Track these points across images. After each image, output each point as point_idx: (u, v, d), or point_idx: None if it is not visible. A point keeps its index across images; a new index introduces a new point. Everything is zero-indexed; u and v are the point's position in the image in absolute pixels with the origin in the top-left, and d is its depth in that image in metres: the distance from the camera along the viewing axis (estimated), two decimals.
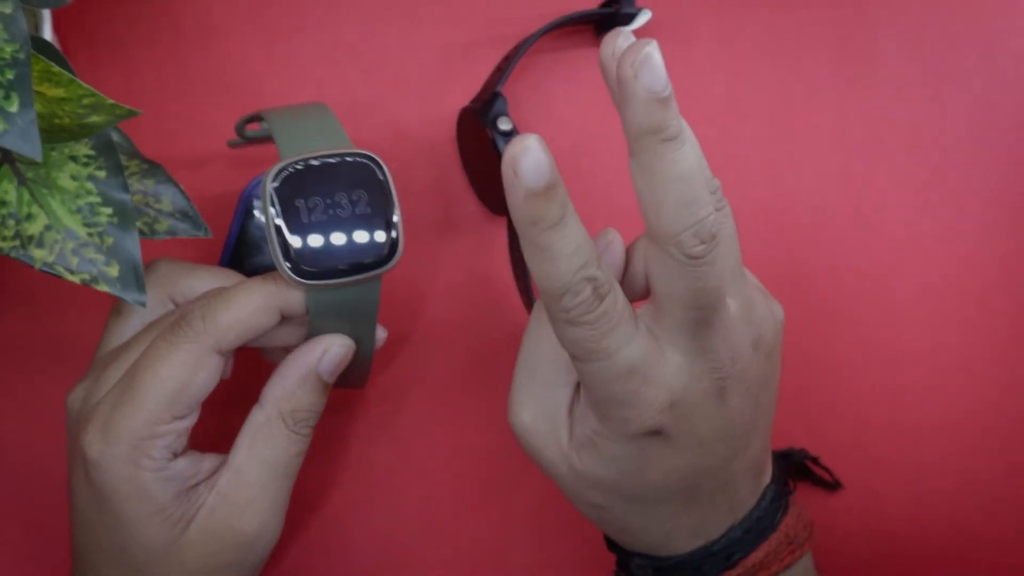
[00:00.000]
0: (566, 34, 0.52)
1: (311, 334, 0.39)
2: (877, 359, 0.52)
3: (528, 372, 0.38)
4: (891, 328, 0.52)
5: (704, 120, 0.52)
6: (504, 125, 0.47)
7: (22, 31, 0.32)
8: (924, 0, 0.54)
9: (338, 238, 0.37)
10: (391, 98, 0.52)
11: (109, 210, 0.35)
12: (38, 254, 0.34)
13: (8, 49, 0.31)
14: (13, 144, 0.30)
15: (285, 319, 0.39)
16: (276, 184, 0.36)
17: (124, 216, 0.35)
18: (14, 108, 0.30)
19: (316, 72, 0.52)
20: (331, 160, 0.37)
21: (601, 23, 0.51)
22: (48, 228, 0.34)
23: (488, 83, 0.49)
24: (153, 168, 0.41)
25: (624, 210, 0.51)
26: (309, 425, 0.40)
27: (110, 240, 0.35)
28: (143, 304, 0.36)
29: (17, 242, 0.34)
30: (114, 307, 0.42)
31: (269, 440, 0.39)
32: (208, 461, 0.39)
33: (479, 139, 0.47)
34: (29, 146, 0.30)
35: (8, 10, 0.32)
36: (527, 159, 0.30)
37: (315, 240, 0.37)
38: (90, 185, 0.35)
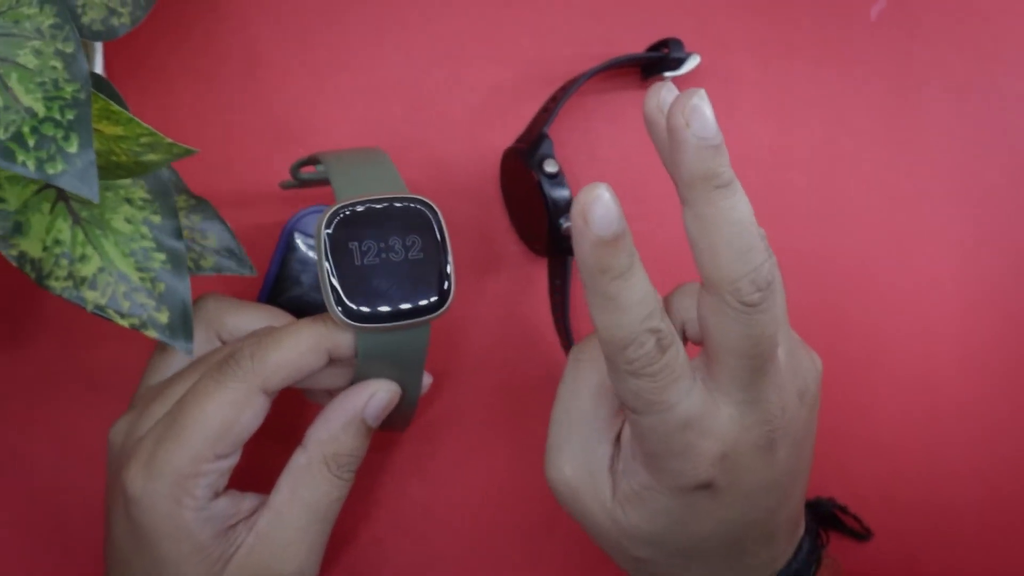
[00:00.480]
0: (612, 76, 0.52)
1: (358, 377, 0.39)
2: (914, 410, 0.51)
3: (567, 427, 0.38)
4: (929, 380, 0.51)
5: (749, 167, 0.52)
6: (550, 167, 0.47)
7: (83, 71, 0.32)
8: (974, 56, 0.53)
9: (389, 283, 0.37)
10: (435, 135, 0.51)
11: (163, 256, 0.35)
12: (91, 296, 0.34)
13: (69, 89, 0.31)
14: (71, 185, 0.30)
15: (333, 361, 0.38)
16: (330, 226, 0.36)
17: (177, 263, 0.35)
18: (74, 149, 0.30)
19: (361, 108, 0.51)
20: (386, 204, 0.37)
21: (649, 66, 0.51)
22: (101, 270, 0.34)
23: (534, 124, 0.49)
24: (200, 204, 0.41)
25: (668, 254, 0.51)
26: (351, 470, 0.39)
27: (162, 286, 0.35)
28: (190, 353, 0.35)
29: (70, 283, 0.34)
30: (158, 343, 0.42)
31: (311, 484, 0.38)
32: (248, 501, 0.39)
33: (523, 180, 0.47)
34: (87, 188, 0.30)
35: (70, 49, 0.32)
36: (597, 208, 0.30)
37: (366, 283, 0.36)
38: (145, 229, 0.35)
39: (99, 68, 0.43)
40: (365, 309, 0.36)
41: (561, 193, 0.46)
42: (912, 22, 0.53)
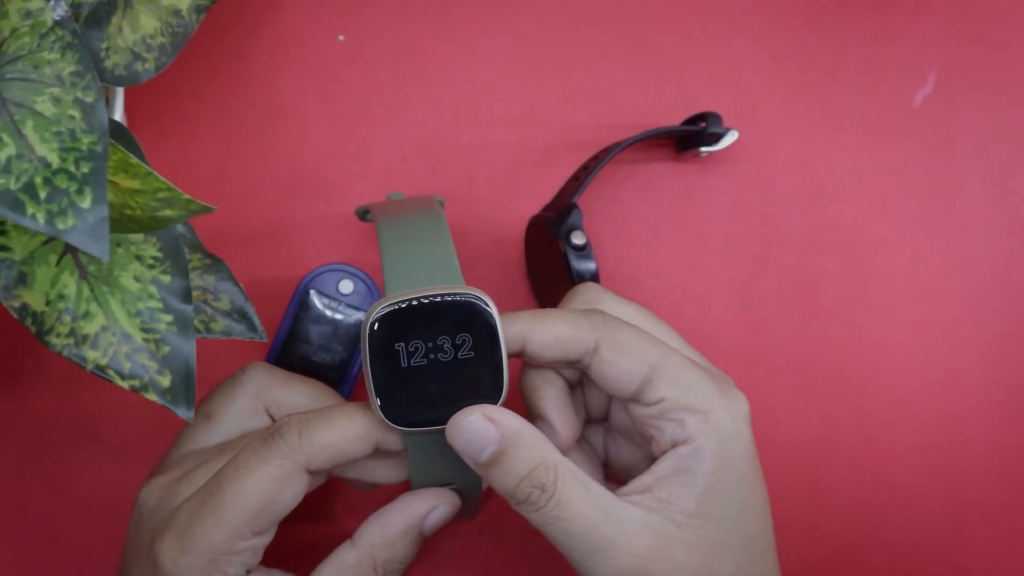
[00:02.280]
0: (646, 147, 0.51)
1: (413, 473, 0.38)
2: (937, 512, 0.49)
3: None
4: (955, 480, 0.49)
5: (781, 248, 0.50)
6: (578, 239, 0.45)
7: (102, 122, 0.30)
8: (1014, 143, 0.52)
9: (437, 385, 0.35)
10: (459, 196, 0.50)
11: (170, 317, 0.33)
12: (91, 355, 0.32)
13: (86, 140, 0.29)
14: (80, 242, 0.28)
15: (380, 451, 0.37)
16: (374, 327, 0.34)
17: (184, 325, 0.33)
18: (86, 204, 0.29)
19: (384, 163, 0.50)
20: (437, 300, 0.35)
21: (684, 140, 0.50)
22: (104, 329, 0.33)
23: (563, 192, 0.48)
24: (215, 264, 0.39)
25: (692, 329, 0.49)
26: (398, 574, 0.38)
27: (166, 349, 0.33)
28: (190, 420, 0.34)
29: (71, 340, 0.32)
30: (201, 409, 0.41)
31: None
32: None
33: (549, 249, 0.46)
34: (97, 246, 0.29)
35: (90, 99, 0.30)
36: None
37: (411, 388, 0.35)
38: (153, 289, 0.33)
39: (119, 113, 0.41)
40: (409, 414, 0.35)
41: (587, 266, 0.45)
42: (955, 110, 0.52)
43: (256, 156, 0.50)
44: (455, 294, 0.35)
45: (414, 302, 0.35)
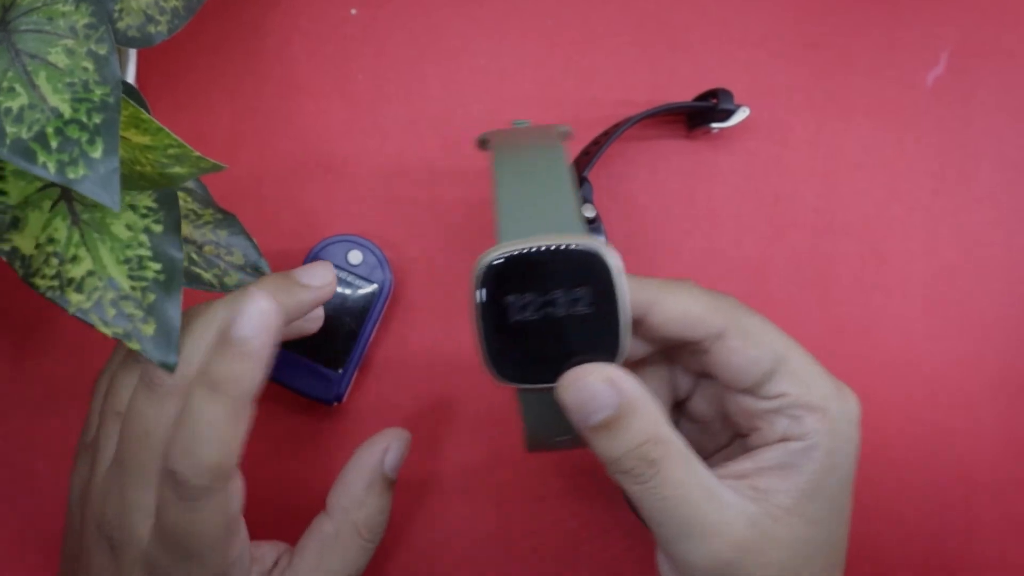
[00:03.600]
0: (656, 123, 0.51)
1: (525, 430, 0.36)
2: (948, 493, 0.49)
3: None
4: (967, 457, 0.49)
5: (793, 229, 0.50)
6: (588, 212, 0.45)
7: (115, 74, 0.30)
8: None
9: (549, 341, 0.33)
10: (472, 171, 0.50)
11: (158, 266, 0.33)
12: (75, 298, 0.32)
13: (99, 92, 0.29)
14: (91, 192, 0.29)
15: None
16: (485, 278, 0.32)
17: (172, 275, 0.33)
18: (98, 154, 0.29)
19: (397, 139, 0.50)
20: (553, 250, 0.32)
21: (695, 116, 0.50)
22: (90, 274, 0.32)
23: (574, 166, 0.48)
24: (228, 219, 0.39)
25: None
26: (381, 531, 0.38)
27: (152, 297, 0.33)
28: (172, 368, 0.33)
29: (56, 283, 0.32)
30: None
31: (341, 554, 0.37)
32: (267, 551, 0.38)
33: None
34: (108, 195, 0.29)
35: (103, 51, 0.30)
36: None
37: (522, 342, 0.33)
38: (144, 237, 0.33)
39: (131, 77, 0.42)
40: (518, 370, 0.33)
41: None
42: (969, 91, 0.51)
43: (269, 128, 0.50)
44: (573, 245, 0.32)
45: (528, 252, 0.32)
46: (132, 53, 0.42)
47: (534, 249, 0.32)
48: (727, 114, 0.48)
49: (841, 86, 0.51)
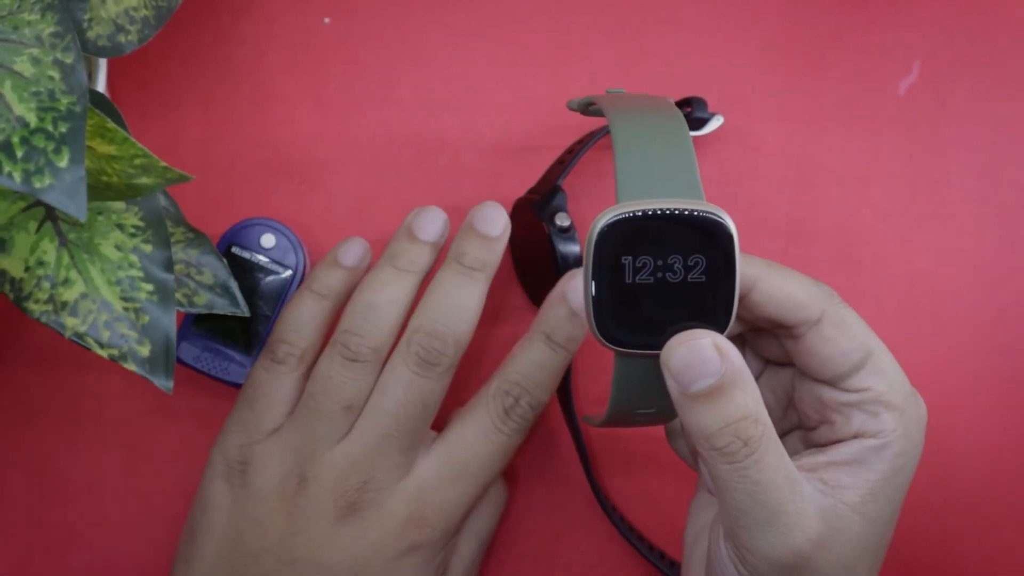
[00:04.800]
0: None
1: (614, 394, 0.35)
2: (923, 500, 0.49)
3: None
4: (943, 460, 0.49)
5: (765, 235, 0.50)
6: (562, 221, 0.45)
7: (81, 83, 0.30)
8: (1003, 138, 0.52)
9: (660, 307, 0.32)
10: (445, 180, 0.50)
11: (150, 287, 0.33)
12: (70, 322, 0.32)
13: (65, 101, 0.29)
14: (57, 201, 0.28)
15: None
16: (603, 235, 0.32)
17: (164, 295, 0.33)
18: (64, 163, 0.28)
19: (371, 148, 0.50)
20: (676, 213, 0.31)
21: None
22: (84, 296, 0.32)
23: (548, 175, 0.48)
24: (199, 238, 0.39)
25: None
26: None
27: (146, 318, 0.33)
28: (168, 390, 0.33)
29: (50, 307, 0.32)
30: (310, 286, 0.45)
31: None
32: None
33: (533, 231, 0.46)
34: (74, 205, 0.28)
35: (69, 60, 0.30)
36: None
37: (633, 306, 0.32)
38: (134, 258, 0.33)
39: (102, 86, 0.41)
40: (626, 335, 0.32)
41: (571, 248, 0.45)
42: (941, 99, 0.52)
43: (241, 137, 0.50)
44: (696, 210, 0.31)
45: (650, 212, 0.31)
46: (103, 62, 0.42)
47: (655, 211, 0.31)
48: (701, 122, 0.48)
49: (814, 94, 0.52)
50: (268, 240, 0.46)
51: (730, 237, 0.32)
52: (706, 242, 0.31)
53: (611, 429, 0.48)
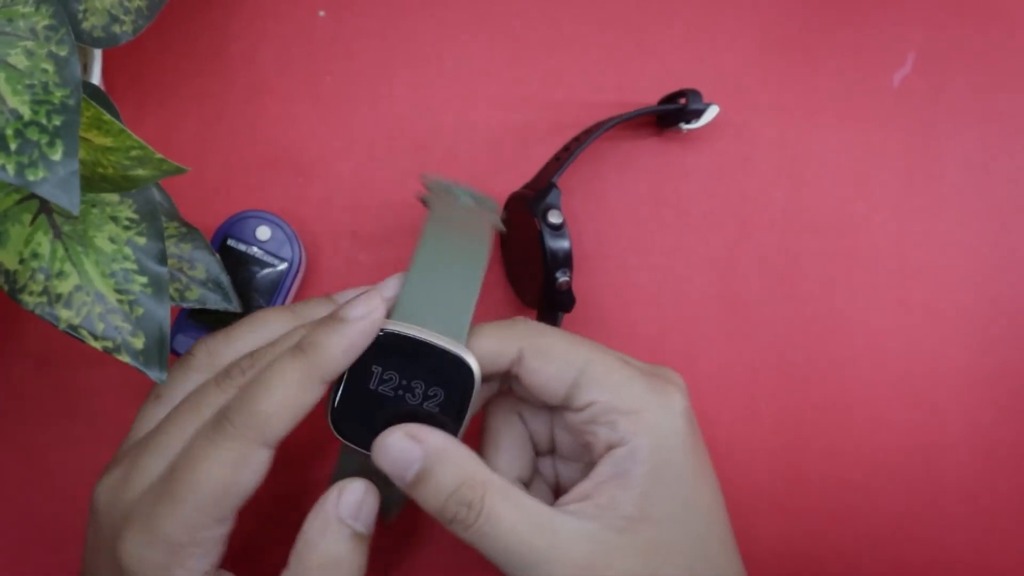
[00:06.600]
0: (627, 123, 0.51)
1: (337, 470, 0.38)
2: (916, 490, 0.49)
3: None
4: (932, 453, 0.50)
5: (761, 227, 0.50)
6: (554, 218, 0.45)
7: (75, 76, 0.30)
8: (995, 131, 0.52)
9: (392, 418, 0.35)
10: (440, 174, 0.50)
11: (144, 279, 0.33)
12: (64, 314, 0.32)
13: (59, 94, 0.29)
14: (51, 194, 0.28)
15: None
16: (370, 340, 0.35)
17: (158, 288, 0.33)
18: (57, 156, 0.28)
19: (365, 142, 0.50)
20: (430, 346, 0.35)
21: (667, 117, 0.50)
22: (78, 288, 0.32)
23: (544, 172, 0.47)
24: (191, 233, 0.39)
25: (673, 307, 0.49)
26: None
27: (140, 310, 0.33)
28: (163, 380, 0.33)
29: (44, 299, 0.32)
30: (152, 391, 0.39)
31: None
32: None
33: (525, 227, 0.46)
34: (67, 198, 0.28)
35: (63, 52, 0.30)
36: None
37: (368, 411, 0.35)
38: (128, 250, 0.33)
39: (96, 78, 0.41)
40: (354, 431, 0.35)
41: (561, 245, 0.45)
42: (935, 92, 0.52)
43: (236, 131, 0.50)
44: (452, 352, 0.35)
45: (412, 337, 0.34)
46: (97, 54, 0.42)
47: (418, 338, 0.34)
48: (697, 114, 0.48)
49: (809, 87, 0.52)
50: (264, 232, 0.46)
51: (470, 384, 0.35)
52: (450, 380, 0.35)
53: None
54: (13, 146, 0.28)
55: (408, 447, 0.34)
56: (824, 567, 0.49)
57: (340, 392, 0.35)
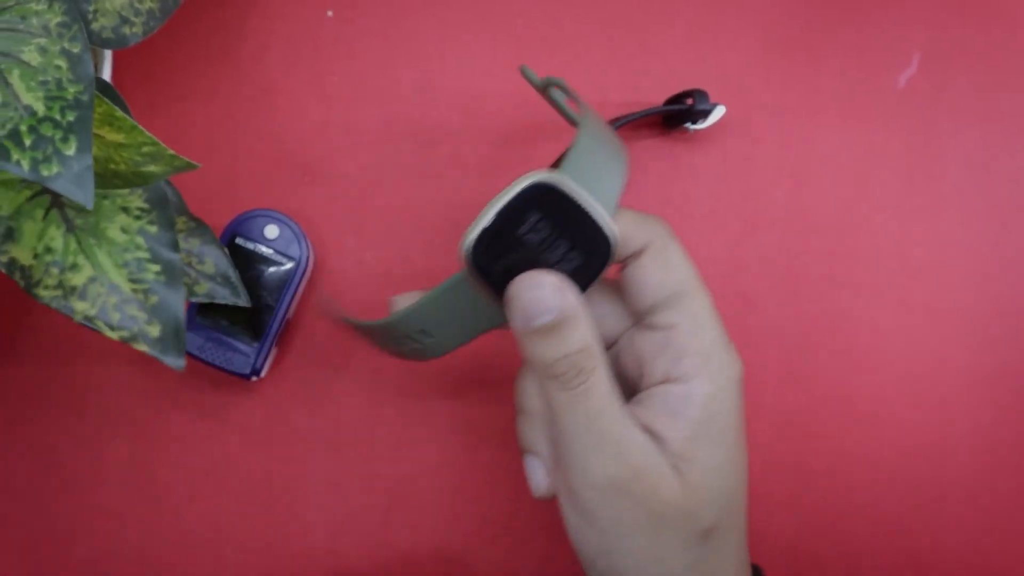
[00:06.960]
0: (633, 123, 0.51)
1: (422, 304, 0.37)
2: (919, 488, 0.49)
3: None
4: (936, 452, 0.50)
5: (764, 227, 0.51)
6: None
7: (88, 73, 0.30)
8: (998, 132, 0.52)
9: (525, 264, 0.34)
10: (447, 175, 0.50)
11: (157, 267, 0.33)
12: (80, 306, 0.32)
13: (72, 90, 0.30)
14: (65, 189, 0.29)
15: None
16: (537, 184, 0.34)
17: (172, 275, 0.34)
18: (71, 151, 0.29)
19: (372, 141, 0.50)
20: (589, 213, 0.34)
21: (673, 117, 0.50)
22: (92, 280, 0.33)
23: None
24: (200, 227, 0.39)
25: None
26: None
27: (155, 299, 0.33)
28: (180, 369, 0.34)
29: (60, 292, 0.32)
30: None
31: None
32: None
33: None
34: (82, 193, 0.29)
35: (76, 49, 0.30)
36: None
37: (509, 248, 0.34)
38: (140, 240, 0.33)
39: (107, 76, 0.41)
40: (487, 260, 0.34)
41: None
42: (939, 92, 0.52)
43: (245, 130, 0.50)
44: (604, 224, 0.34)
45: (577, 201, 0.34)
46: (108, 54, 0.42)
47: (581, 199, 0.34)
48: (704, 114, 0.48)
49: (813, 87, 0.52)
50: (272, 231, 0.47)
51: (608, 256, 0.35)
52: (591, 250, 0.35)
53: None
54: (28, 142, 0.28)
55: (550, 296, 0.34)
56: (825, 565, 0.49)
57: (490, 224, 0.34)
